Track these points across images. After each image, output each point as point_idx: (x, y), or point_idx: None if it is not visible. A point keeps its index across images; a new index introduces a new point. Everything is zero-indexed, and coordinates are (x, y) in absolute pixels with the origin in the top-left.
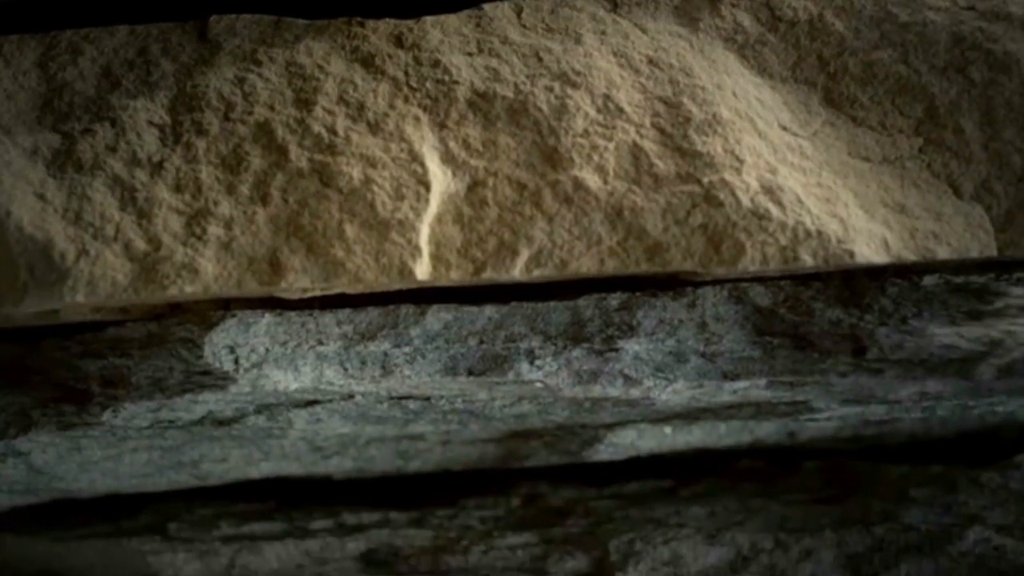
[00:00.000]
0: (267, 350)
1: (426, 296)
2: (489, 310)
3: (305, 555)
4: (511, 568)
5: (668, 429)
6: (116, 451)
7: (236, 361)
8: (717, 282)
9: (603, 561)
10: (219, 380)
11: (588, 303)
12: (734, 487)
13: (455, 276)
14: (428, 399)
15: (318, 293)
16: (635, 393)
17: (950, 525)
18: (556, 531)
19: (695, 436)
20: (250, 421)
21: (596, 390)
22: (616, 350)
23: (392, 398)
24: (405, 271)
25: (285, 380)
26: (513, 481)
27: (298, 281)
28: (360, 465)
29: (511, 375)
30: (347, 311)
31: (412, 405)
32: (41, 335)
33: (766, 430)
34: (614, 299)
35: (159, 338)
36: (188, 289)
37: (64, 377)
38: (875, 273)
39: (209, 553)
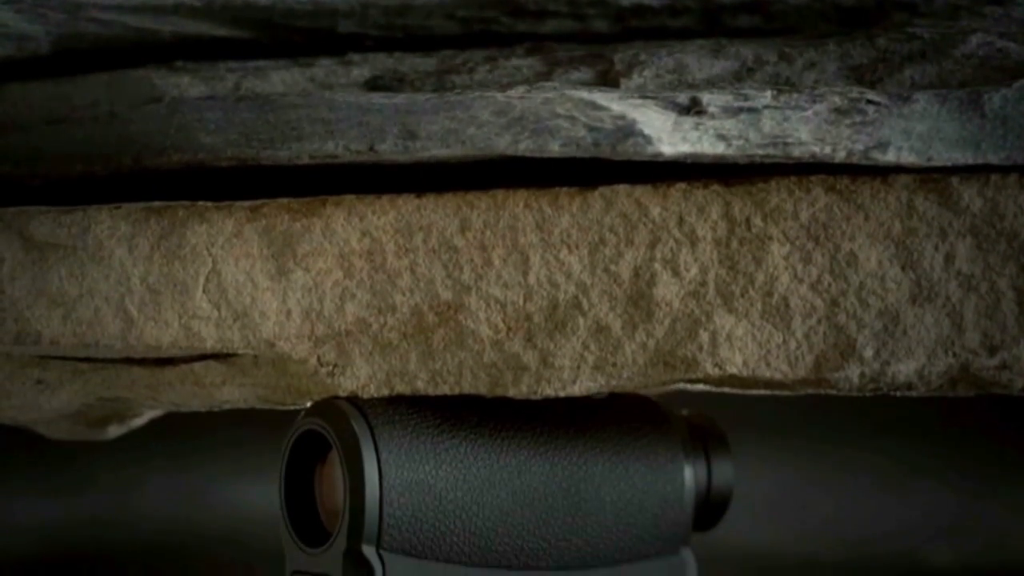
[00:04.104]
0: None
1: None
2: None
3: (310, 81)
4: (516, 82)
5: None
6: None
7: None
8: None
9: (608, 72)
10: None
11: None
12: None
13: None
14: None
15: None
16: None
17: (954, 34)
18: (561, 55)
19: None
20: None
21: None
22: None
23: None
24: None
25: None
26: (519, 41)
27: None
28: None
29: None
30: None
31: None
32: None
33: None
34: None
35: None
36: None
37: None
38: None
39: (215, 79)
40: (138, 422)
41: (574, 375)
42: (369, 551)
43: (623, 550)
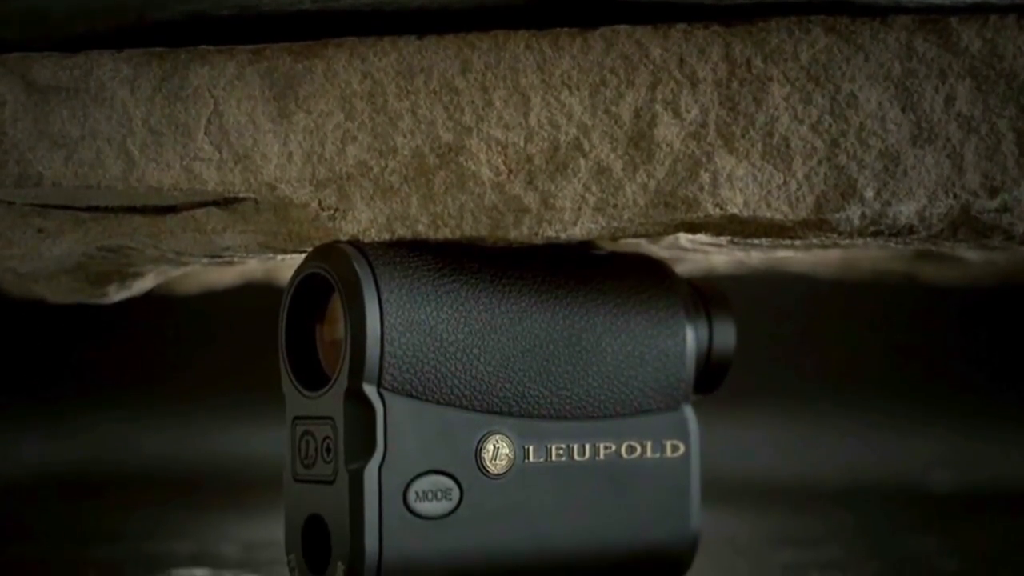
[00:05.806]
0: None
1: None
2: None
3: None
4: None
5: None
6: None
7: None
8: None
9: None
10: None
11: None
12: None
13: None
14: None
15: None
16: None
17: None
18: None
19: None
20: None
21: None
22: None
23: None
24: None
25: None
26: None
27: None
28: None
29: None
30: None
31: None
32: None
33: None
34: None
35: None
36: None
37: None
38: None
39: None
40: (140, 284)
41: (575, 216)
42: (370, 390)
43: (623, 403)
